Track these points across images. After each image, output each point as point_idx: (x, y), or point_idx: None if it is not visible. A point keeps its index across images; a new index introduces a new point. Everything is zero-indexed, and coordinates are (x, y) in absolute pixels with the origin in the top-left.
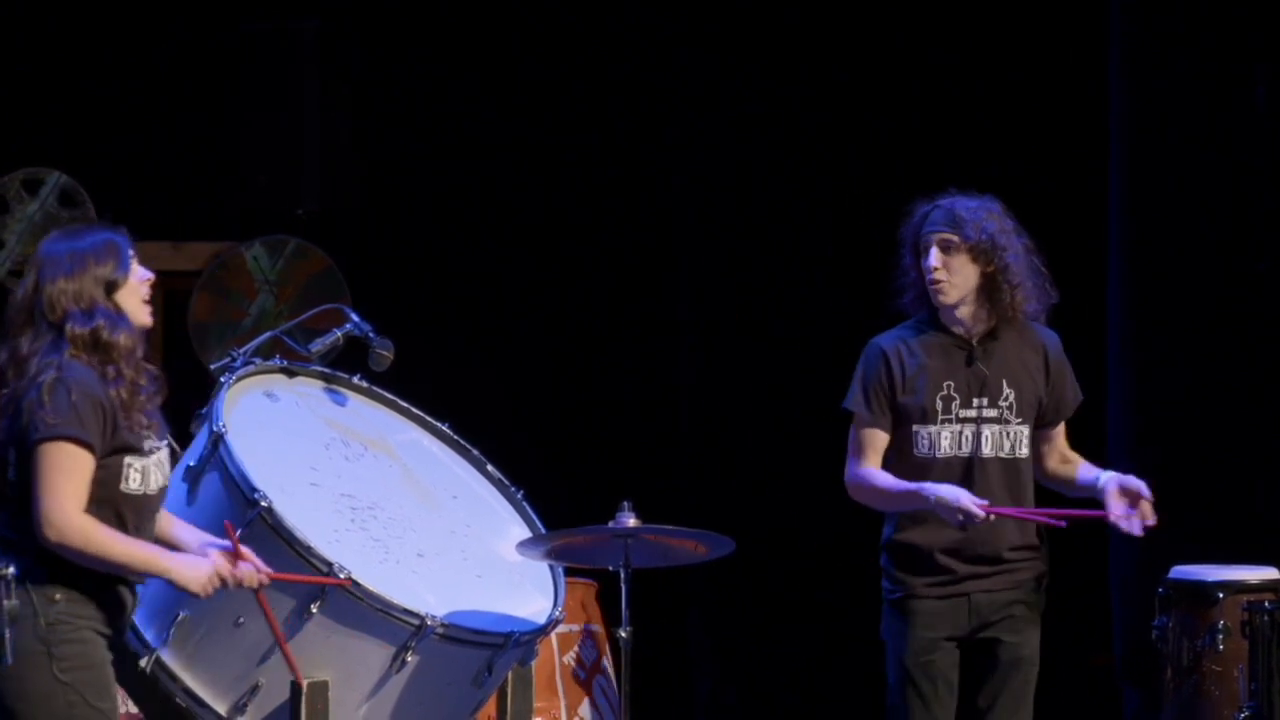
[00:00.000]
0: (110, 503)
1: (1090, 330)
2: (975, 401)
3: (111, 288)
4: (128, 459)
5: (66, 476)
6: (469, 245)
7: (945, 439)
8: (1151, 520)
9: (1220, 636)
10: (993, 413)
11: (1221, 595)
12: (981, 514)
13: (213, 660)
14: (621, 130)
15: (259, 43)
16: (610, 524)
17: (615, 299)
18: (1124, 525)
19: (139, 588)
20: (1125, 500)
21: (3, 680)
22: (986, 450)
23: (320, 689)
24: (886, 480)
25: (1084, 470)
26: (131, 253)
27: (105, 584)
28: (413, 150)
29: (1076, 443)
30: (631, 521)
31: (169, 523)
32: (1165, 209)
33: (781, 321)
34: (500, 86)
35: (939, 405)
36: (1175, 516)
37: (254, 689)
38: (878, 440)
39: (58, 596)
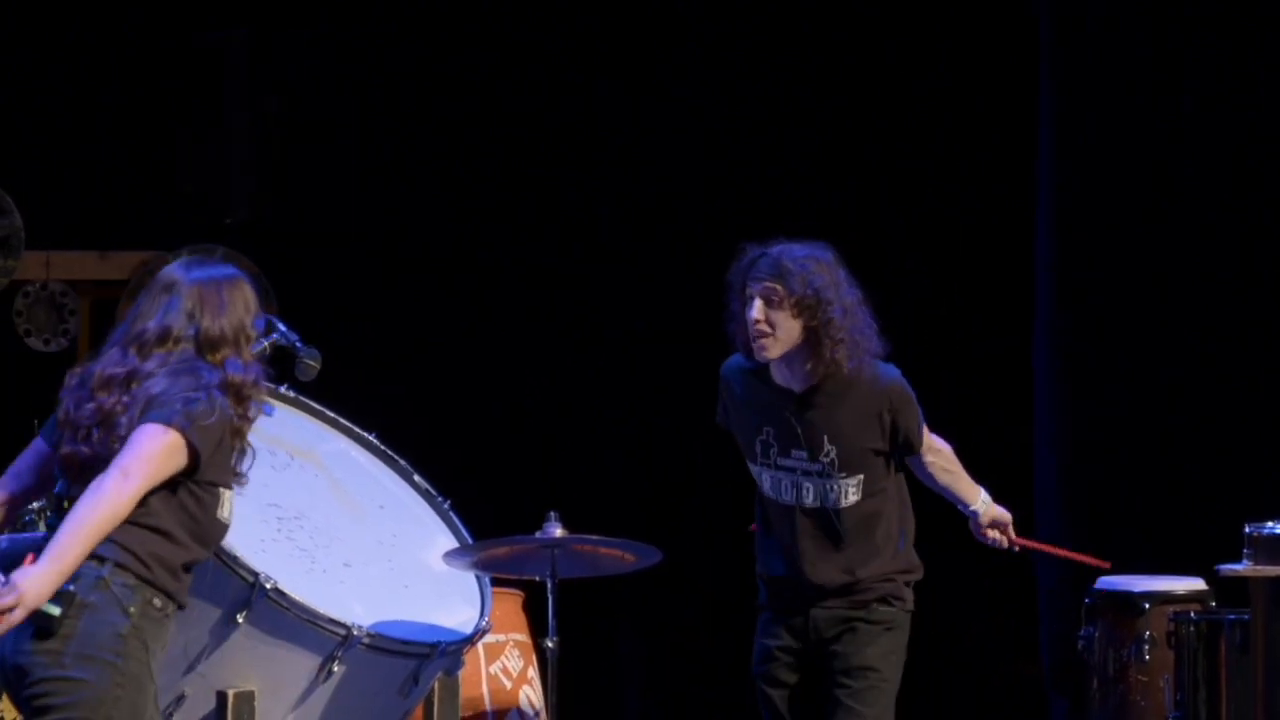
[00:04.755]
0: (204, 526)
1: (1018, 344)
2: (794, 453)
3: (248, 340)
4: (226, 492)
5: (155, 466)
6: (397, 255)
7: (766, 482)
8: (1005, 545)
9: (1146, 647)
10: (815, 467)
11: (1147, 606)
12: None
13: None
14: (546, 141)
15: (187, 51)
16: (537, 534)
17: (541, 309)
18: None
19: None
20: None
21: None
22: (809, 500)
23: (246, 699)
24: None
25: (956, 496)
26: None
27: (171, 602)
28: (341, 159)
29: (1005, 459)
30: (558, 532)
31: None
32: (1092, 219)
33: (707, 332)
34: (430, 98)
35: (758, 448)
36: (1101, 528)
37: (179, 699)
38: None
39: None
